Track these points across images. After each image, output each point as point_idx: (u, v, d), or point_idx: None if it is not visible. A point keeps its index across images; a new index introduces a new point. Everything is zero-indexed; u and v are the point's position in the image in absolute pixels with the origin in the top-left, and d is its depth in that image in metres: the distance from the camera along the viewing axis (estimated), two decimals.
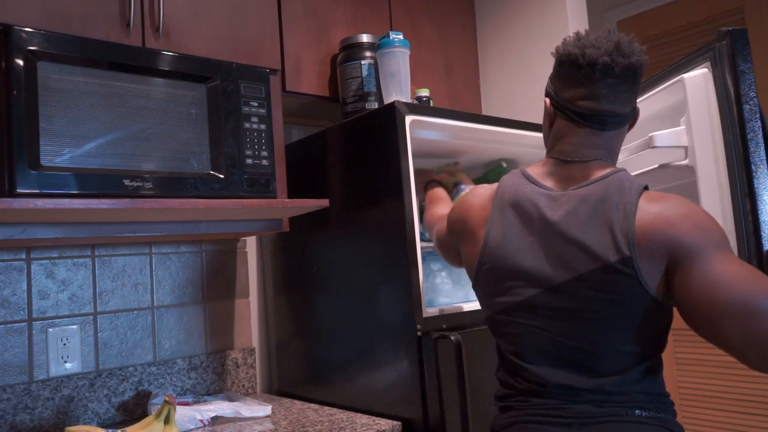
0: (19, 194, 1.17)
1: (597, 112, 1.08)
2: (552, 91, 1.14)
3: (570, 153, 1.11)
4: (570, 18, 2.08)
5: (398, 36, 1.72)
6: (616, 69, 1.05)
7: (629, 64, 1.05)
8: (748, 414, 2.51)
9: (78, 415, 1.57)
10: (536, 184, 1.12)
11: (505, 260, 1.10)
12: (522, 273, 1.08)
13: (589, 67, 1.06)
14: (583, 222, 1.03)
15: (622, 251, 0.98)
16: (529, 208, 1.10)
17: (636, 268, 0.97)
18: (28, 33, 1.22)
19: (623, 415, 1.00)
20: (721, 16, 2.59)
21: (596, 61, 1.05)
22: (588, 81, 1.07)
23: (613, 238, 0.99)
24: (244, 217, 1.56)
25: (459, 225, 1.24)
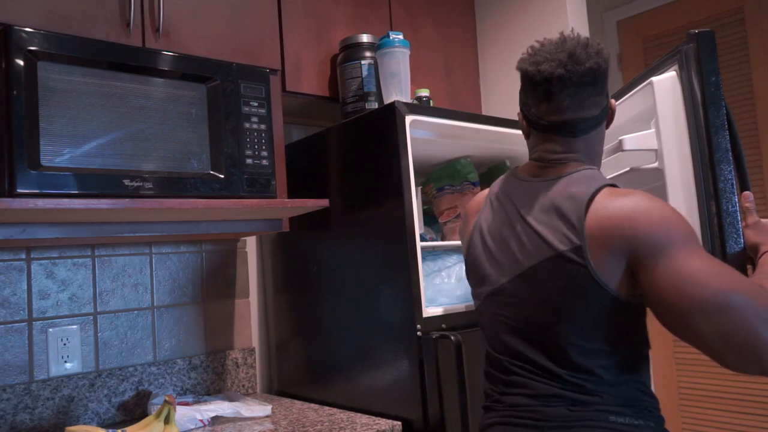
0: (19, 194, 1.17)
1: (565, 122, 1.09)
2: (522, 106, 1.17)
3: (547, 158, 1.13)
4: (570, 18, 2.08)
5: (398, 36, 1.72)
6: (574, 78, 1.05)
7: (586, 70, 1.05)
8: (748, 414, 2.50)
9: (78, 415, 1.57)
10: (518, 178, 1.16)
11: (482, 249, 1.15)
12: (494, 261, 1.12)
13: (546, 83, 1.06)
14: (543, 211, 1.05)
15: (572, 240, 0.99)
16: (504, 199, 1.15)
17: (586, 258, 0.97)
18: (28, 33, 1.22)
19: (596, 420, 0.99)
20: (721, 16, 2.59)
21: (552, 76, 1.05)
22: (548, 96, 1.08)
23: (565, 227, 1.00)
24: (244, 217, 1.57)
25: (461, 227, 1.31)
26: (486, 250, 1.15)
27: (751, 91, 2.51)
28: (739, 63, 2.54)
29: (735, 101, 2.56)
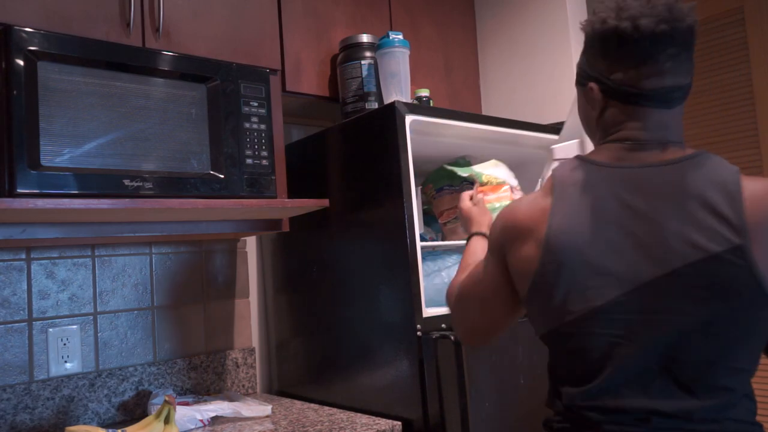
0: (19, 194, 1.17)
1: (663, 89, 0.92)
2: (598, 74, 0.96)
3: (640, 138, 0.94)
4: (570, 18, 2.08)
5: (398, 36, 1.72)
6: (677, 37, 0.90)
7: (687, 28, 0.91)
8: None
9: (78, 415, 1.57)
10: (605, 166, 0.94)
11: (577, 255, 0.89)
12: (599, 270, 0.88)
13: (647, 41, 0.89)
14: (674, 206, 0.87)
15: (729, 239, 0.82)
16: (602, 194, 0.91)
17: (748, 258, 0.82)
18: (28, 33, 1.22)
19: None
20: (721, 16, 2.59)
21: (654, 32, 0.89)
22: (647, 56, 0.90)
23: (718, 223, 0.83)
24: (244, 217, 1.57)
25: (508, 231, 0.98)
26: (579, 255, 0.89)
27: (751, 91, 2.51)
28: (739, 63, 2.54)
29: (735, 101, 2.56)
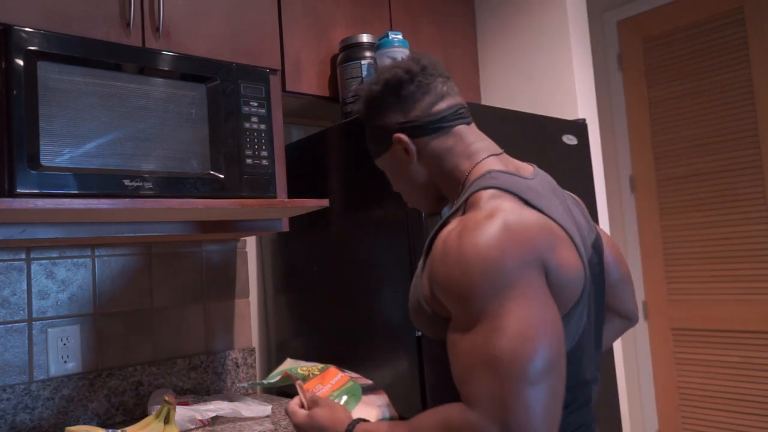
0: (19, 194, 1.17)
1: (458, 105, 1.01)
2: (407, 124, 1.00)
3: (493, 147, 1.00)
4: (570, 18, 2.08)
5: (398, 36, 1.72)
6: (438, 67, 1.02)
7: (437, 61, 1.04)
8: (748, 414, 2.51)
9: (78, 415, 1.57)
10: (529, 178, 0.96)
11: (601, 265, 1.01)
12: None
13: (423, 73, 1.00)
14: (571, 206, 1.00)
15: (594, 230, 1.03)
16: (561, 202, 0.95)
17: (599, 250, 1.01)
18: (28, 33, 1.22)
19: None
20: (721, 16, 2.60)
21: (421, 67, 1.00)
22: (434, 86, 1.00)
23: (588, 218, 1.04)
24: (244, 217, 1.57)
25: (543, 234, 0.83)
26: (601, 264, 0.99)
27: (751, 91, 2.51)
28: (739, 63, 2.54)
29: (735, 101, 2.56)
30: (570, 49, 2.07)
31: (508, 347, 0.74)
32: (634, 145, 2.89)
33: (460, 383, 0.78)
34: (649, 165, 2.83)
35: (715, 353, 2.61)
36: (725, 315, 2.57)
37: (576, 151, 1.90)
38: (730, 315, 2.56)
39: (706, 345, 2.64)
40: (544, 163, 1.77)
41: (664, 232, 2.78)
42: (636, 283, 2.87)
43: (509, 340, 0.75)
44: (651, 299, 2.82)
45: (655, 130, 2.81)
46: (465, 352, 0.78)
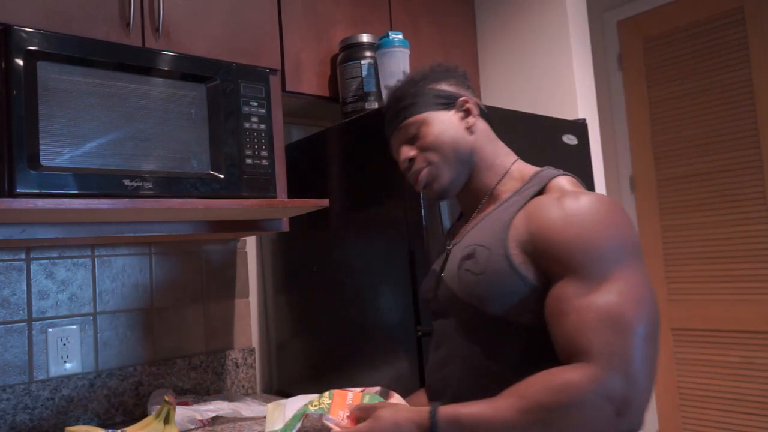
0: (19, 194, 1.17)
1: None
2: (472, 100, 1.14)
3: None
4: (570, 18, 2.07)
5: (398, 36, 1.72)
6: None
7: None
8: (748, 414, 2.50)
9: (78, 415, 1.57)
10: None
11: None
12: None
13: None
14: None
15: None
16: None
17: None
18: (28, 33, 1.22)
19: None
20: (721, 16, 2.60)
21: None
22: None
23: None
24: (244, 217, 1.56)
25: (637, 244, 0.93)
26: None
27: (751, 91, 2.51)
28: (739, 63, 2.54)
29: (735, 101, 2.56)
30: (570, 49, 2.06)
31: (633, 307, 0.83)
32: (634, 145, 2.89)
33: (574, 338, 0.83)
34: (649, 165, 2.83)
35: (715, 353, 2.61)
36: (725, 315, 2.57)
37: (576, 151, 1.89)
38: (730, 315, 2.56)
39: (706, 345, 2.64)
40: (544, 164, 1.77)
41: (664, 232, 2.77)
42: None
43: (635, 302, 0.84)
44: None
45: (655, 130, 2.81)
46: (586, 309, 0.83)
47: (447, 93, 1.11)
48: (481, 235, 1.01)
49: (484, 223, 1.04)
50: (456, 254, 1.05)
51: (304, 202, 1.51)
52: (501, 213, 1.02)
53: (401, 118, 1.11)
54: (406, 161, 1.10)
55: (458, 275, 1.00)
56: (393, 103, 1.14)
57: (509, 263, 0.92)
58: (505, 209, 1.01)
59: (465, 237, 1.07)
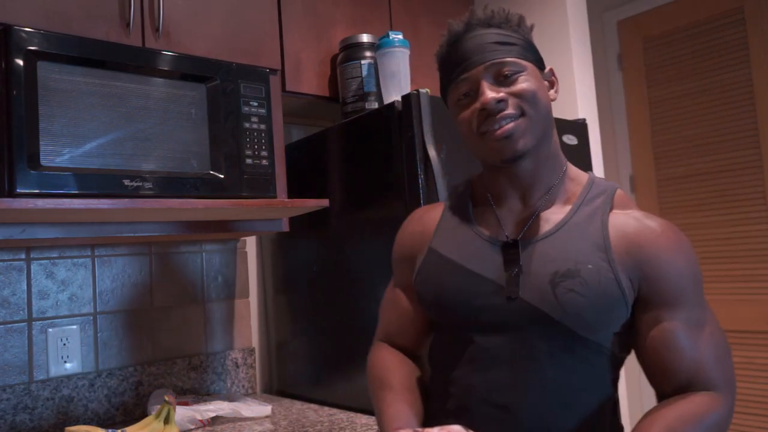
0: (19, 194, 1.17)
1: None
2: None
3: None
4: (570, 18, 2.07)
5: (398, 36, 1.72)
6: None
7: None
8: (748, 414, 2.50)
9: (78, 415, 1.57)
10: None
11: None
12: None
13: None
14: None
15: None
16: None
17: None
18: (28, 33, 1.22)
19: None
20: (721, 16, 2.60)
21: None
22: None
23: None
24: (244, 217, 1.56)
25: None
26: None
27: (751, 91, 2.51)
28: (739, 63, 2.54)
29: (735, 101, 2.56)
30: (570, 49, 2.07)
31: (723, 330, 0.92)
32: (634, 145, 2.89)
33: (701, 369, 0.86)
34: (649, 165, 2.83)
35: None
36: (725, 315, 2.57)
37: (576, 151, 1.90)
38: (730, 315, 2.56)
39: None
40: None
41: None
42: None
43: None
44: None
45: (655, 130, 2.81)
46: (709, 340, 0.88)
47: (539, 54, 0.97)
48: (573, 250, 0.89)
49: (568, 235, 0.91)
50: (538, 265, 0.90)
51: (304, 202, 1.51)
52: (584, 224, 0.91)
53: (502, 52, 0.92)
54: (494, 101, 0.89)
55: (555, 295, 0.86)
56: (491, 28, 0.94)
57: (620, 290, 0.86)
58: (587, 221, 0.91)
59: (541, 244, 0.91)
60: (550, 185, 0.96)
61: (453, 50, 0.96)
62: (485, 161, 0.98)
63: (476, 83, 0.92)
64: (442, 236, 1.01)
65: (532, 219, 0.94)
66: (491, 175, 0.99)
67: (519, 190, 0.97)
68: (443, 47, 0.98)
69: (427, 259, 1.00)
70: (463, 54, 0.93)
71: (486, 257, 0.94)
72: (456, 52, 0.95)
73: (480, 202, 1.02)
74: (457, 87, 0.95)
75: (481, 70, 0.92)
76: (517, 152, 0.91)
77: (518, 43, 0.94)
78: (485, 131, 0.91)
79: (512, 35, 0.94)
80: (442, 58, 0.99)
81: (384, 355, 1.06)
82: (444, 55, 0.98)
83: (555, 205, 0.95)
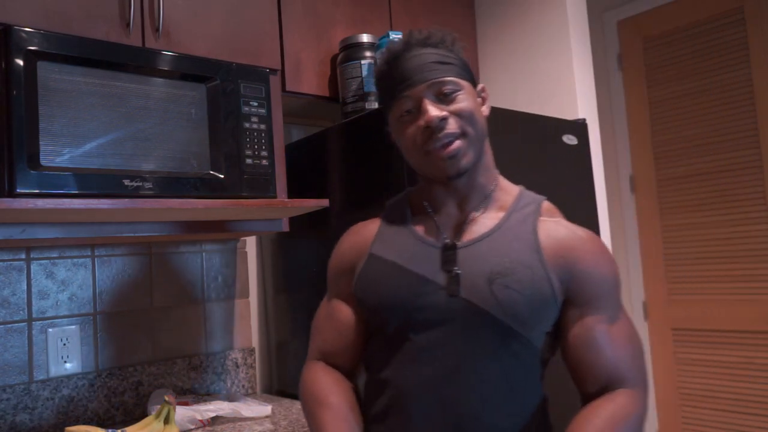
0: (19, 194, 1.17)
1: None
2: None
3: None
4: (570, 18, 2.07)
5: (398, 36, 1.72)
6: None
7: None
8: (748, 414, 2.50)
9: (78, 415, 1.57)
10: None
11: None
12: None
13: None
14: None
15: None
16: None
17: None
18: (28, 33, 1.22)
19: None
20: (721, 16, 2.60)
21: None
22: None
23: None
24: (244, 217, 1.56)
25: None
26: None
27: (751, 91, 2.51)
28: (739, 63, 2.54)
29: (735, 101, 2.56)
30: (570, 49, 2.06)
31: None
32: (634, 145, 2.89)
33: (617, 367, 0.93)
34: (649, 165, 2.83)
35: (715, 353, 2.60)
36: (725, 315, 2.57)
37: (576, 151, 1.90)
38: (730, 315, 2.56)
39: (706, 345, 2.64)
40: (544, 163, 1.77)
41: (664, 232, 2.77)
42: (636, 283, 2.87)
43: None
44: (651, 299, 2.82)
45: (655, 130, 2.81)
46: (624, 338, 0.95)
47: (472, 73, 1.03)
48: (508, 250, 0.94)
49: (502, 237, 0.96)
50: (476, 265, 0.94)
51: (304, 202, 1.51)
52: (517, 229, 0.97)
53: (441, 71, 0.97)
54: (437, 119, 0.94)
55: (493, 291, 0.91)
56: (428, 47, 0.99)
57: (551, 289, 0.93)
58: (520, 225, 0.97)
59: (477, 246, 0.96)
60: (485, 194, 1.02)
61: (394, 68, 1.00)
62: (426, 176, 1.04)
63: (418, 101, 0.97)
64: (382, 242, 1.05)
65: (467, 223, 1.00)
66: (430, 187, 1.05)
67: (456, 199, 1.02)
68: (383, 65, 1.03)
69: (367, 265, 1.04)
70: (404, 72, 0.98)
71: (426, 259, 0.98)
72: (397, 69, 0.99)
73: (418, 211, 1.07)
74: (399, 104, 0.99)
75: (423, 88, 0.97)
76: (460, 170, 0.97)
77: (455, 62, 1.00)
78: (430, 150, 0.97)
79: (449, 55, 1.00)
80: (383, 75, 1.03)
81: (320, 374, 1.06)
82: (384, 72, 1.02)
83: (489, 211, 1.01)
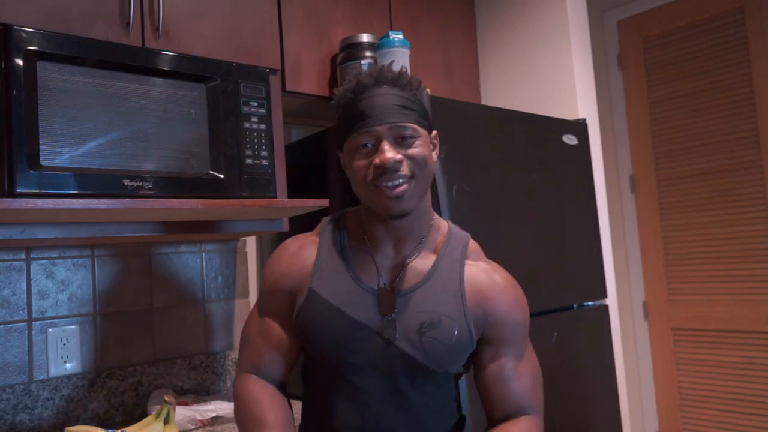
0: (18, 194, 1.17)
1: None
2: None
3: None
4: (570, 18, 2.08)
5: (398, 36, 1.72)
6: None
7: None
8: (748, 414, 2.51)
9: (78, 415, 1.57)
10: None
11: None
12: None
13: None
14: None
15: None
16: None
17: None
18: (28, 33, 1.22)
19: None
20: (722, 16, 2.60)
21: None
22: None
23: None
24: (244, 217, 1.56)
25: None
26: None
27: (751, 91, 2.51)
28: (739, 63, 2.54)
29: (735, 101, 2.56)
30: (570, 49, 2.07)
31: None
32: (634, 145, 2.89)
33: (523, 398, 1.07)
34: (649, 165, 2.83)
35: (715, 353, 2.61)
36: (725, 315, 2.57)
37: (576, 151, 1.90)
38: (730, 315, 2.56)
39: (706, 345, 2.64)
40: (544, 163, 1.77)
41: (664, 232, 2.78)
42: (636, 283, 2.87)
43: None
44: (651, 299, 2.82)
45: (655, 130, 2.81)
46: (526, 375, 1.09)
47: (430, 119, 1.09)
48: (437, 302, 1.05)
49: (433, 288, 1.06)
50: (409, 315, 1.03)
51: (304, 202, 1.51)
52: (446, 277, 1.07)
53: (404, 116, 1.02)
54: (392, 161, 0.99)
55: (422, 342, 1.02)
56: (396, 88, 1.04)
57: (470, 336, 1.05)
58: (449, 274, 1.07)
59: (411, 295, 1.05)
60: (420, 238, 1.09)
61: (360, 101, 1.03)
62: (369, 207, 1.07)
63: (378, 139, 1.01)
64: (321, 277, 1.08)
65: (403, 269, 1.07)
66: (370, 220, 1.09)
67: (393, 239, 1.08)
68: (349, 93, 1.06)
69: (308, 302, 1.07)
70: (369, 108, 1.02)
71: (364, 304, 1.05)
72: (362, 103, 1.03)
73: (355, 238, 1.11)
74: (359, 136, 1.03)
75: (385, 129, 1.01)
76: (404, 211, 1.02)
77: (417, 109, 1.04)
78: (378, 186, 1.01)
79: (413, 99, 1.05)
80: (347, 104, 1.06)
81: (255, 390, 1.08)
82: (349, 102, 1.05)
83: (422, 253, 1.09)
